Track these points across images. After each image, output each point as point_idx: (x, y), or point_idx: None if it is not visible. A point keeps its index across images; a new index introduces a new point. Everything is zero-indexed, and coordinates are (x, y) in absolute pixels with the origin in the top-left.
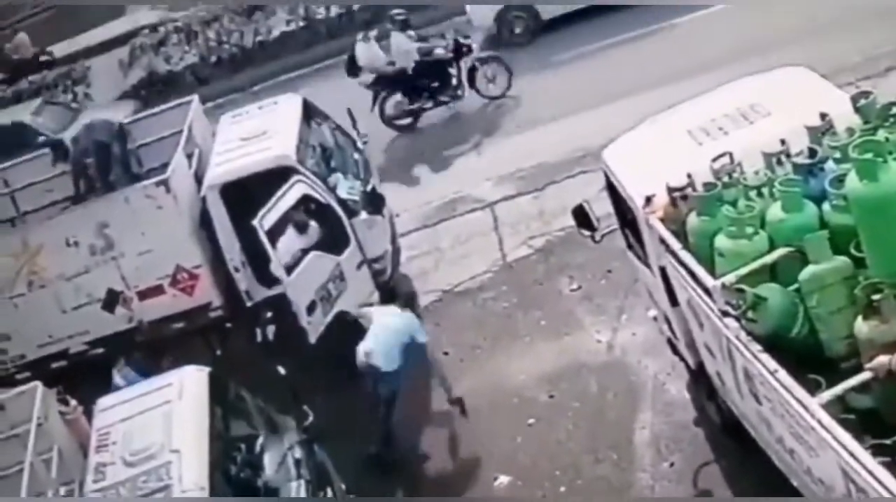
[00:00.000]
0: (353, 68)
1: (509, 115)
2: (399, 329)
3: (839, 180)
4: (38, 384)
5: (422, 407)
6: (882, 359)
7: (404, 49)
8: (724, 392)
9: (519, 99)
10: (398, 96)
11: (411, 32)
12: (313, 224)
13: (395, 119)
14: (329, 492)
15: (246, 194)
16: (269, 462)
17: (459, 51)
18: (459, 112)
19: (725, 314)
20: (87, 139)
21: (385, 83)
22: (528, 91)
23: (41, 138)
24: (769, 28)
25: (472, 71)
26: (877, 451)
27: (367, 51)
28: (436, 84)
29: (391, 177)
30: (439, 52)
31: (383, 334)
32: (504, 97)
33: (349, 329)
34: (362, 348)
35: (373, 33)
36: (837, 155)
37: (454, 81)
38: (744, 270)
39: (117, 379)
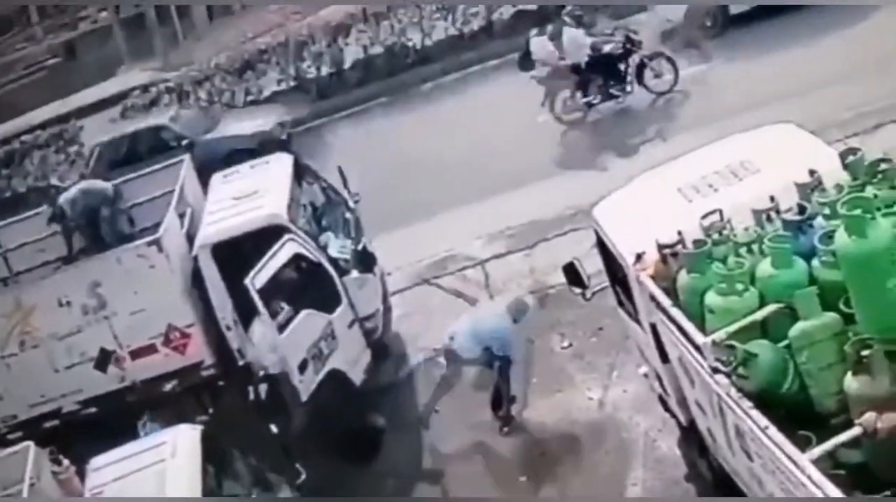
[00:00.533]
0: (526, 62)
1: (499, 172)
2: (486, 330)
3: (828, 237)
4: (31, 444)
5: None
6: (870, 415)
7: (578, 44)
8: (715, 448)
9: (509, 157)
10: (566, 92)
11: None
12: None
13: (565, 114)
14: None
15: (238, 253)
16: None
17: (629, 47)
18: (629, 107)
19: (716, 371)
20: (82, 202)
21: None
22: (517, 150)
23: None
24: (758, 86)
25: (640, 67)
26: None
27: (541, 45)
28: (607, 79)
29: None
30: (610, 47)
31: (471, 326)
32: (672, 92)
33: (341, 387)
34: (450, 329)
35: (549, 28)
36: (826, 211)
37: (625, 77)
38: (734, 327)
39: (142, 434)
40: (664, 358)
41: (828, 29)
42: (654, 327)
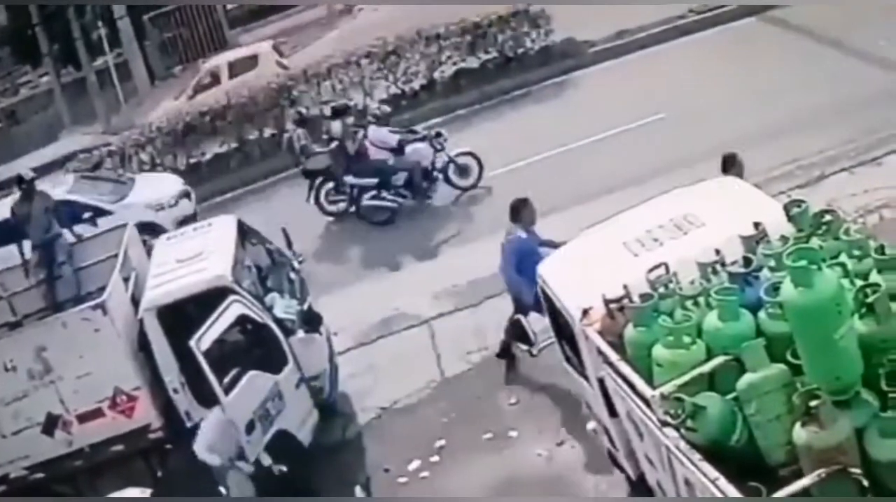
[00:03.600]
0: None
1: (443, 231)
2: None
3: (774, 288)
4: None
5: None
6: None
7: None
8: None
9: (452, 213)
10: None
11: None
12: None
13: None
14: None
15: (183, 315)
16: None
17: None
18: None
19: (665, 424)
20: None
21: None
22: (461, 208)
23: None
24: (700, 140)
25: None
26: None
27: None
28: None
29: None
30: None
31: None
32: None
33: (289, 448)
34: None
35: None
36: (772, 263)
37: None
38: (682, 380)
39: None
40: (612, 412)
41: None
42: (601, 382)
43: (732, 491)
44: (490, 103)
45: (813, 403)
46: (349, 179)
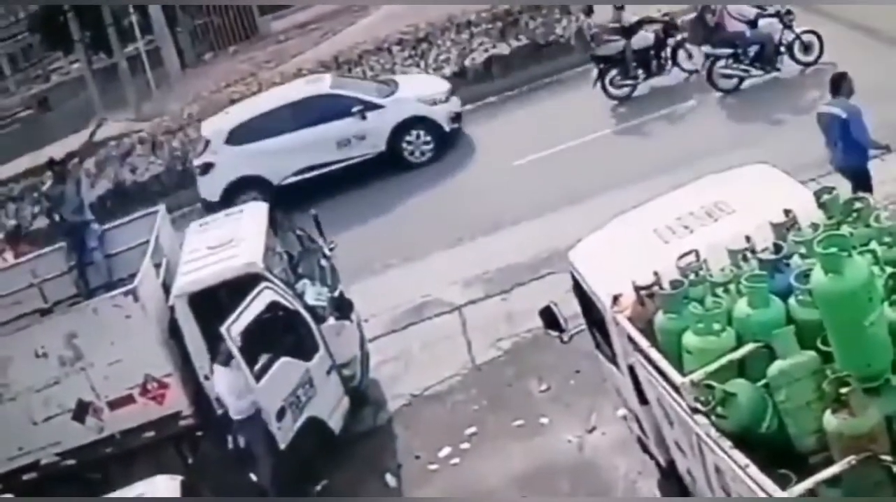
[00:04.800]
0: None
1: (474, 217)
2: None
3: (804, 275)
4: (10, 496)
5: None
6: None
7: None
8: (695, 489)
9: (482, 201)
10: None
11: None
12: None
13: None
14: None
15: (214, 302)
16: None
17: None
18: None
19: (695, 411)
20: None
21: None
22: (492, 194)
23: None
24: (732, 127)
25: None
26: None
27: None
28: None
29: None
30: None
31: None
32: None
33: (319, 434)
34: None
35: None
36: (802, 250)
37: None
38: (712, 367)
39: None
40: (642, 399)
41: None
42: (631, 369)
43: (763, 479)
44: (521, 90)
45: (843, 390)
46: (706, 49)
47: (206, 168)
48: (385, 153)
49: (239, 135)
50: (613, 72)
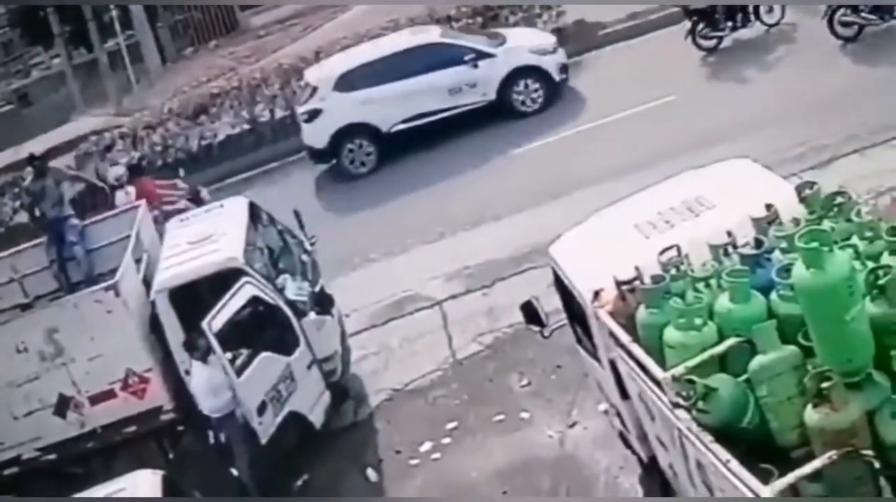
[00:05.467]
0: None
1: (455, 212)
2: None
3: (786, 270)
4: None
5: None
6: None
7: None
8: (676, 484)
9: (461, 196)
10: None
11: None
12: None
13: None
14: None
15: (195, 297)
16: None
17: None
18: None
19: (676, 405)
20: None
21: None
22: (473, 189)
23: None
24: (712, 122)
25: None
26: None
27: None
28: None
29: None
30: None
31: None
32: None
33: (300, 429)
34: None
35: None
36: (783, 245)
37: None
38: (693, 361)
39: None
40: (624, 394)
41: (777, 63)
42: (613, 363)
43: (744, 474)
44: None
45: (824, 385)
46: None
47: (314, 115)
48: (495, 102)
49: (348, 82)
50: (702, 24)
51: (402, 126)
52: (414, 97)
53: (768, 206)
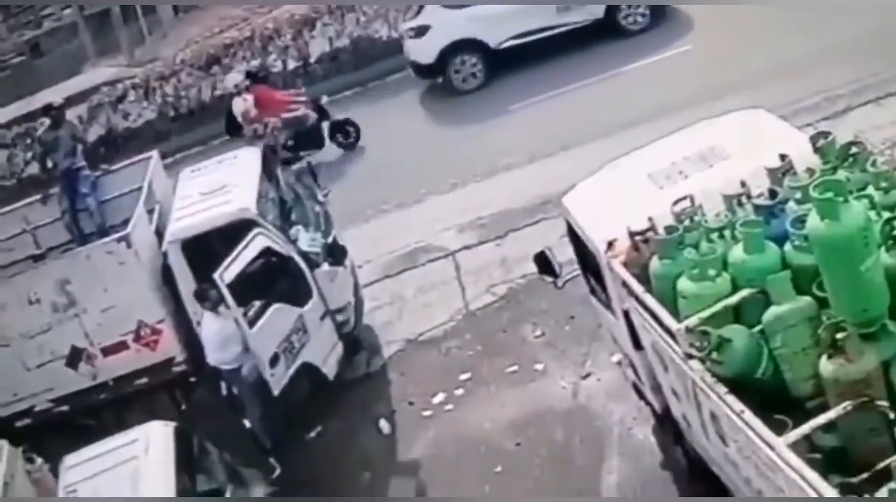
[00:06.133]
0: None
1: (468, 163)
2: None
3: (800, 221)
4: (4, 443)
5: None
6: None
7: None
8: (690, 434)
9: (477, 147)
10: None
11: None
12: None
13: None
14: None
15: (207, 248)
16: None
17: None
18: None
19: (690, 356)
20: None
21: None
22: (486, 139)
23: None
24: (726, 72)
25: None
26: (844, 490)
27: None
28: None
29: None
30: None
31: None
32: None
33: (314, 380)
34: None
35: None
36: (798, 195)
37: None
38: (707, 312)
39: None
40: (637, 345)
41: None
42: (626, 314)
43: (758, 424)
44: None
45: (839, 336)
46: None
47: (422, 31)
48: (602, 20)
49: None
50: None
51: (510, 42)
52: (523, 13)
53: (783, 157)
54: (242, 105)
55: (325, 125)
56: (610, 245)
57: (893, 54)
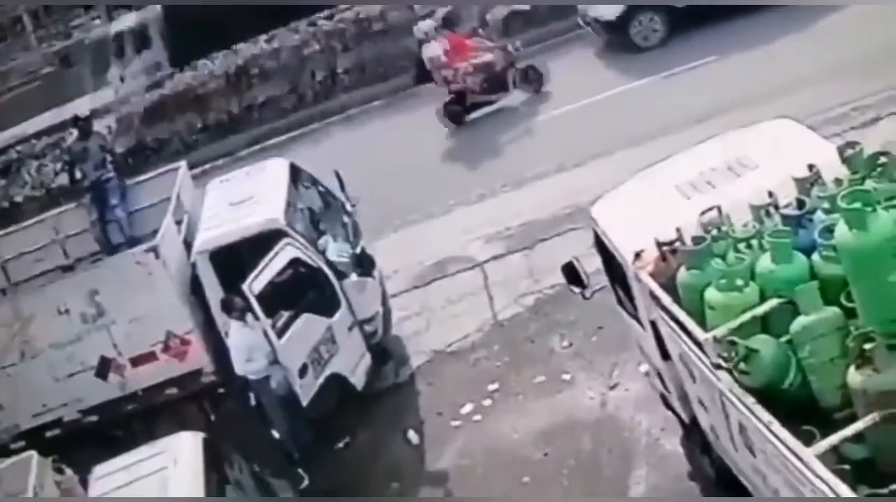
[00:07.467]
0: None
1: (495, 174)
2: None
3: (828, 231)
4: (34, 453)
5: None
6: None
7: None
8: (718, 445)
9: (505, 157)
10: None
11: None
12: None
13: None
14: None
15: (236, 259)
16: None
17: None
18: None
19: (718, 367)
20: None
21: None
22: (514, 150)
23: None
24: (754, 82)
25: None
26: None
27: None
28: None
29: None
30: None
31: None
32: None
33: (342, 391)
34: None
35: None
36: (826, 205)
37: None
38: (735, 323)
39: None
40: (665, 355)
41: (815, 20)
42: (654, 325)
43: (786, 435)
44: (545, 44)
45: (867, 346)
46: None
47: None
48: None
49: None
50: None
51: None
52: None
53: (810, 167)
54: (435, 49)
55: (511, 71)
56: (637, 255)
57: None
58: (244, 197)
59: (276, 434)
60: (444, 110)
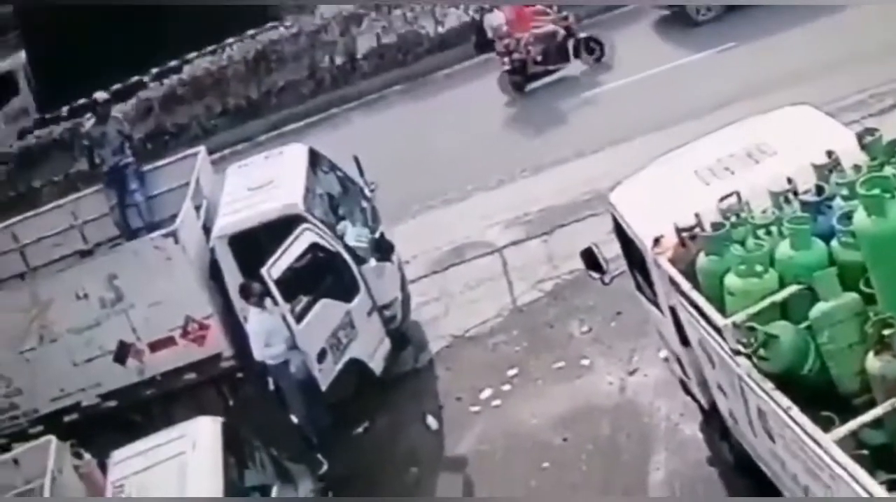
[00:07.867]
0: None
1: (514, 159)
2: None
3: (847, 217)
4: (52, 438)
5: None
6: None
7: None
8: (737, 430)
9: (523, 143)
10: None
11: None
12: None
13: None
14: None
15: (254, 244)
16: None
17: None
18: None
19: (737, 353)
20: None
21: None
22: (533, 135)
23: None
24: (773, 68)
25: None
26: (891, 487)
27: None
28: None
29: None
30: None
31: None
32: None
33: (361, 376)
34: None
35: None
36: (845, 192)
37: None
38: (754, 308)
39: None
40: (684, 341)
41: (838, 8)
42: (673, 310)
43: (805, 421)
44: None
45: (886, 332)
46: None
47: None
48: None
49: None
50: None
51: None
52: None
53: (829, 153)
54: (498, 19)
55: (572, 41)
56: (657, 241)
57: None
58: (263, 182)
59: (294, 419)
60: (507, 79)
